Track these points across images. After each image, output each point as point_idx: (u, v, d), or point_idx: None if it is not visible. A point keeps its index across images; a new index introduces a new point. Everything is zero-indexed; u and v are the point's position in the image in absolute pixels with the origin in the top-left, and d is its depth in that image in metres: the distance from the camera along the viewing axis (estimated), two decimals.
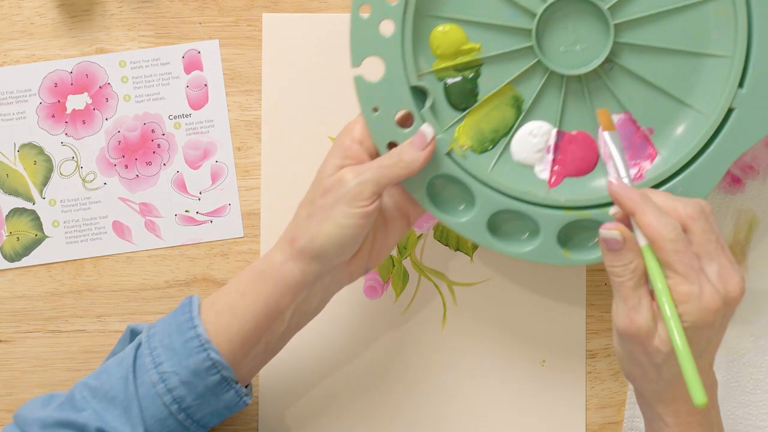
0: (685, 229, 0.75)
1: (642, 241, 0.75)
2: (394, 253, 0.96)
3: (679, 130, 0.85)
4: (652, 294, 0.75)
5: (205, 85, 0.96)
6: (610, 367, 0.96)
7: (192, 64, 0.96)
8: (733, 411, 0.96)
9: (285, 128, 0.96)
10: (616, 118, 0.85)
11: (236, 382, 0.82)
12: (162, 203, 0.96)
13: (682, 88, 0.84)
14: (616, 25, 0.83)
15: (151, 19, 0.95)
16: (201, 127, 0.96)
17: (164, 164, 0.96)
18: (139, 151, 0.96)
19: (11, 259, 0.96)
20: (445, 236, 0.96)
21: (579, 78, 0.84)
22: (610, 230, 0.75)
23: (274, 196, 0.96)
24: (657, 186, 0.84)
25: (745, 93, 0.83)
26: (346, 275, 0.84)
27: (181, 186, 0.96)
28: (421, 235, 0.96)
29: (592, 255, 0.85)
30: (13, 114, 0.95)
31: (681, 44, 0.84)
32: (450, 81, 0.85)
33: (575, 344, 0.96)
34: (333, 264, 0.82)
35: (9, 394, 0.96)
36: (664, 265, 0.74)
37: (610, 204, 0.84)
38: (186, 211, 0.96)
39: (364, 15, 0.82)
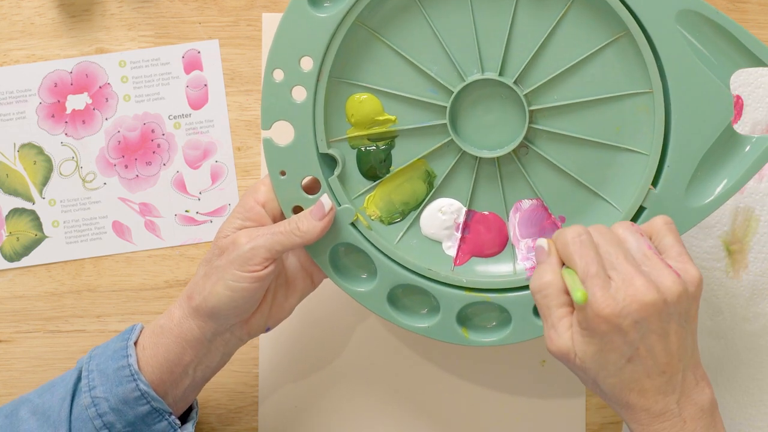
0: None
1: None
2: None
3: (591, 221, 0.83)
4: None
5: (205, 85, 0.96)
6: None
7: (192, 64, 0.96)
8: (733, 411, 0.96)
9: None
10: (528, 203, 0.85)
11: (170, 413, 0.82)
12: (162, 203, 0.96)
13: (596, 180, 0.84)
14: (532, 111, 0.82)
15: (151, 19, 0.96)
16: (201, 127, 0.96)
17: (164, 164, 0.96)
18: (139, 151, 0.96)
19: (11, 259, 0.96)
20: None
21: (493, 160, 0.84)
22: (543, 239, 0.76)
23: None
24: None
25: (657, 193, 0.82)
26: (245, 333, 0.84)
27: (181, 186, 0.96)
28: None
29: (492, 336, 0.85)
30: (13, 114, 0.95)
31: (598, 136, 0.83)
32: (363, 149, 0.84)
33: None
34: (229, 323, 0.82)
35: (9, 394, 0.96)
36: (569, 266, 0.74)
37: (512, 289, 0.84)
38: (186, 211, 0.96)
39: (277, 78, 0.82)
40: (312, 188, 0.83)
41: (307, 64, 0.81)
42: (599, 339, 0.73)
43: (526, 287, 0.83)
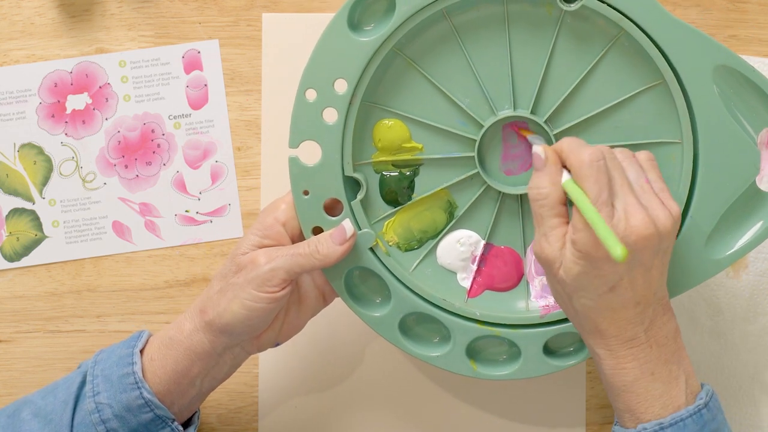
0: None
1: (566, 177, 0.76)
2: None
3: None
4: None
5: (205, 85, 0.96)
6: None
7: (192, 64, 0.96)
8: (733, 411, 0.96)
9: (285, 128, 0.96)
10: None
11: (173, 420, 0.82)
12: (162, 203, 0.96)
13: None
14: (555, 135, 0.82)
15: (151, 19, 0.95)
16: (201, 127, 0.96)
17: (164, 164, 0.96)
18: (139, 151, 0.96)
19: (11, 259, 0.96)
20: None
21: (516, 196, 0.84)
22: (538, 146, 0.76)
23: (274, 196, 0.95)
24: None
25: (678, 242, 0.81)
26: (255, 347, 0.84)
27: (181, 186, 0.96)
28: None
29: (500, 371, 0.85)
30: (13, 114, 0.95)
31: (629, 138, 0.83)
32: (387, 174, 0.84)
33: None
34: (241, 339, 0.82)
35: (9, 394, 0.96)
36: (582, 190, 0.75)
37: (525, 326, 0.84)
38: (186, 211, 0.96)
39: (310, 98, 0.82)
40: (333, 209, 0.83)
41: (341, 86, 0.81)
42: (588, 262, 0.73)
43: (539, 324, 0.84)
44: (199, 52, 0.96)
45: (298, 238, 0.83)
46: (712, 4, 0.96)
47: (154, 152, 0.96)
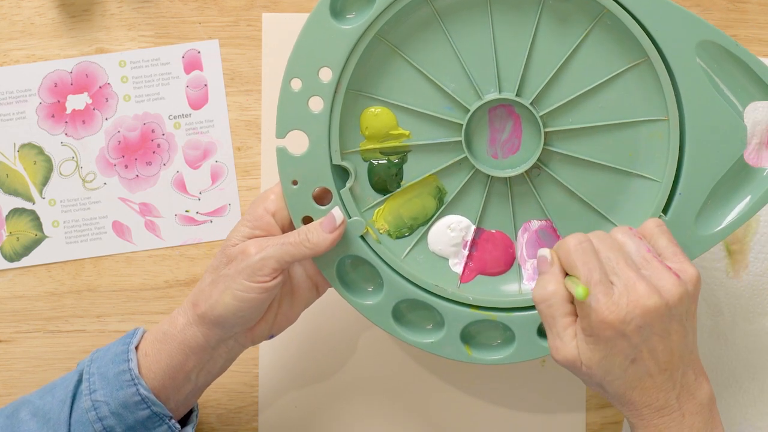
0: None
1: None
2: None
3: None
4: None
5: (205, 85, 0.96)
6: None
7: (192, 64, 0.96)
8: (732, 411, 0.96)
9: None
10: (536, 224, 0.85)
11: (170, 418, 0.82)
12: (162, 203, 0.96)
13: (607, 204, 0.84)
14: (547, 133, 0.82)
15: (151, 19, 0.96)
16: (201, 127, 0.96)
17: (164, 164, 0.96)
18: (139, 151, 0.96)
19: (11, 259, 0.96)
20: None
21: (505, 180, 0.84)
22: (544, 249, 0.77)
23: None
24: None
25: (667, 220, 0.82)
26: (248, 340, 0.84)
27: (181, 186, 0.96)
28: None
29: (496, 355, 0.85)
30: (13, 114, 0.95)
31: (611, 161, 0.83)
32: (375, 162, 0.84)
33: None
34: (234, 331, 0.82)
35: (9, 394, 0.96)
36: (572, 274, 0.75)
37: (518, 309, 0.84)
38: (186, 211, 0.96)
39: (295, 88, 0.81)
40: (322, 198, 0.83)
41: (326, 75, 0.81)
42: (604, 345, 0.73)
43: (532, 307, 0.84)
44: (199, 52, 0.96)
45: (288, 228, 0.83)
46: (712, 4, 0.96)
47: (154, 152, 0.96)
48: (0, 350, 0.96)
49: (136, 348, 0.83)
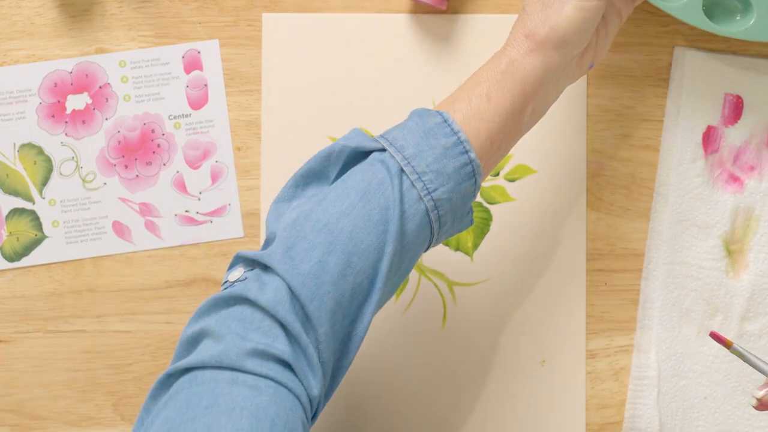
0: None
1: None
2: None
3: None
4: None
5: (205, 85, 0.96)
6: (610, 367, 0.96)
7: (192, 64, 0.96)
8: (733, 411, 0.96)
9: (285, 128, 0.96)
10: None
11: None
12: (162, 203, 0.96)
13: None
14: None
15: (151, 19, 0.96)
16: (201, 127, 0.96)
17: (164, 164, 0.96)
18: (139, 151, 0.96)
19: (11, 259, 0.96)
20: None
21: None
22: None
23: (274, 196, 0.95)
24: None
25: None
26: (577, 70, 0.83)
27: (181, 186, 0.96)
28: None
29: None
30: (13, 114, 0.95)
31: None
32: None
33: (575, 344, 0.96)
34: (572, 54, 0.81)
35: (9, 394, 0.96)
36: None
37: None
38: (186, 211, 0.96)
39: None
40: None
41: None
42: None
43: None
44: (199, 52, 0.96)
45: None
46: None
47: (154, 152, 0.96)
48: (0, 350, 0.96)
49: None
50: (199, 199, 0.96)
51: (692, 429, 0.95)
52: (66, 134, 0.95)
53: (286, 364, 0.72)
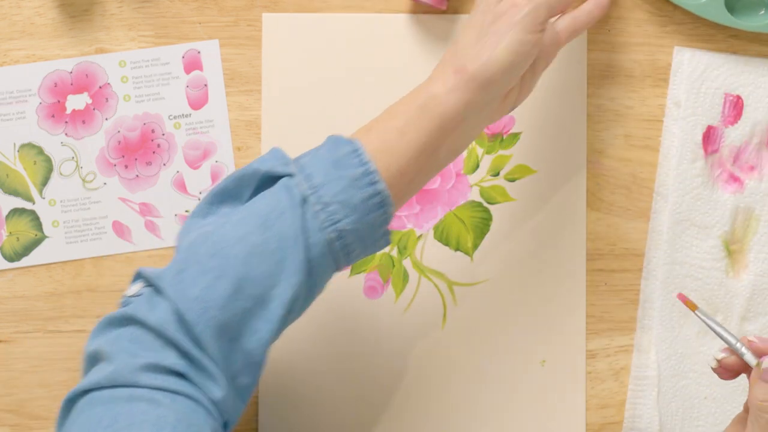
0: None
1: None
2: (394, 253, 0.96)
3: None
4: None
5: (205, 85, 0.96)
6: (610, 367, 0.96)
7: (192, 64, 0.96)
8: (733, 411, 0.96)
9: (285, 128, 0.96)
10: None
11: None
12: (162, 203, 0.96)
13: None
14: None
15: (151, 19, 0.96)
16: (201, 127, 0.96)
17: (164, 164, 0.96)
18: (139, 151, 0.96)
19: (11, 259, 0.96)
20: (445, 236, 0.96)
21: None
22: None
23: None
24: None
25: None
26: (498, 110, 0.82)
27: (181, 186, 0.96)
28: (421, 235, 0.96)
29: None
30: (13, 114, 0.95)
31: None
32: None
33: (575, 344, 0.96)
34: (497, 94, 0.79)
35: (9, 394, 0.96)
36: None
37: None
38: (186, 211, 0.96)
39: None
40: None
41: None
42: None
43: None
44: (199, 52, 0.96)
45: None
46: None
47: (154, 152, 0.96)
48: (0, 350, 0.96)
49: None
50: (199, 199, 0.96)
51: (692, 429, 0.95)
52: (66, 134, 0.95)
53: (180, 375, 0.73)
